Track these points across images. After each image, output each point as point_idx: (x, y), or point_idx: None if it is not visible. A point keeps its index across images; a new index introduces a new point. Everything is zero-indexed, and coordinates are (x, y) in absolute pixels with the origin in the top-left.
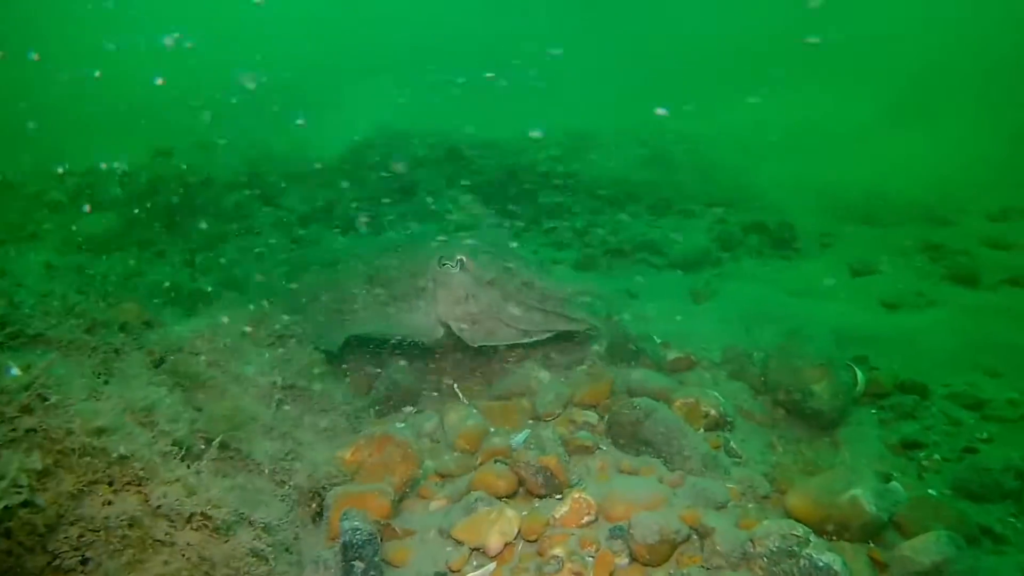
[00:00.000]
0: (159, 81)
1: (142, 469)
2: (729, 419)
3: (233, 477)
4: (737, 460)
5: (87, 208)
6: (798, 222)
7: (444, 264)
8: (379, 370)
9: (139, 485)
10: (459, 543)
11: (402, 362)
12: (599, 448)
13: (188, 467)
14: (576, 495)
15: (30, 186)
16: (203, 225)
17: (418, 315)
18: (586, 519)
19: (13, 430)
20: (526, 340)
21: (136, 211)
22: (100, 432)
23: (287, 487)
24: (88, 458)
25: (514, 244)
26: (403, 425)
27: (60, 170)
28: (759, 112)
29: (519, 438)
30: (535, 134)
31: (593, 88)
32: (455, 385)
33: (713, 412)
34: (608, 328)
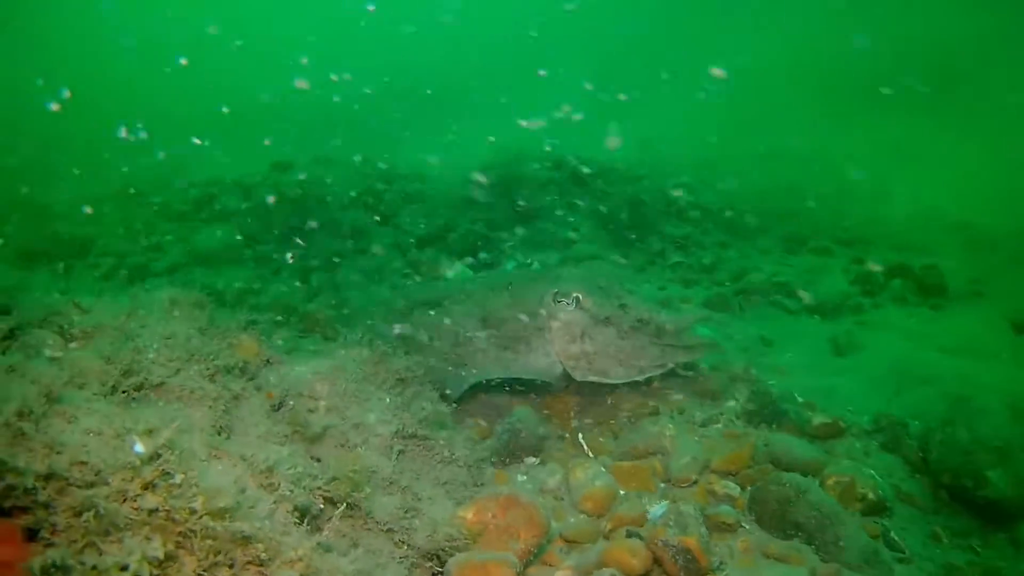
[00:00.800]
0: (300, 84)
1: (265, 550)
2: (888, 504)
3: (353, 542)
4: (901, 555)
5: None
6: (941, 263)
7: (559, 302)
8: (499, 416)
9: (260, 566)
10: None
11: (525, 409)
12: (741, 526)
13: (311, 542)
14: None
15: (156, 196)
16: (320, 243)
17: (536, 355)
18: None
19: (136, 510)
20: (640, 377)
21: (254, 226)
22: (223, 512)
23: (405, 547)
24: (210, 540)
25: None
26: (524, 478)
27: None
28: (891, 134)
29: (657, 511)
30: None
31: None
32: (581, 437)
33: (871, 495)
34: (745, 383)
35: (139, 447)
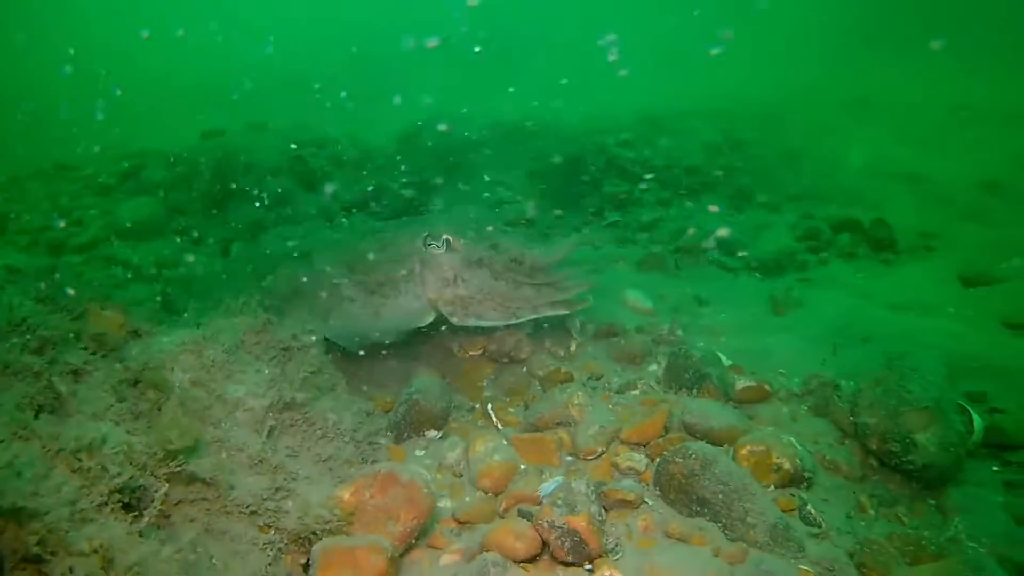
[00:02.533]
0: None
1: (38, 543)
2: (808, 474)
3: (205, 527)
4: (816, 530)
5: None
6: (894, 218)
7: (430, 245)
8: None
9: (38, 564)
10: None
11: (428, 378)
12: (644, 502)
13: (119, 529)
14: (607, 573)
15: (86, 168)
16: (243, 212)
17: (407, 299)
18: None
19: None
20: (514, 321)
21: (178, 196)
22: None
23: (272, 532)
24: None
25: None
26: (423, 453)
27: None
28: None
29: (547, 487)
30: None
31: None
32: (490, 407)
33: (787, 465)
34: (670, 345)
35: None
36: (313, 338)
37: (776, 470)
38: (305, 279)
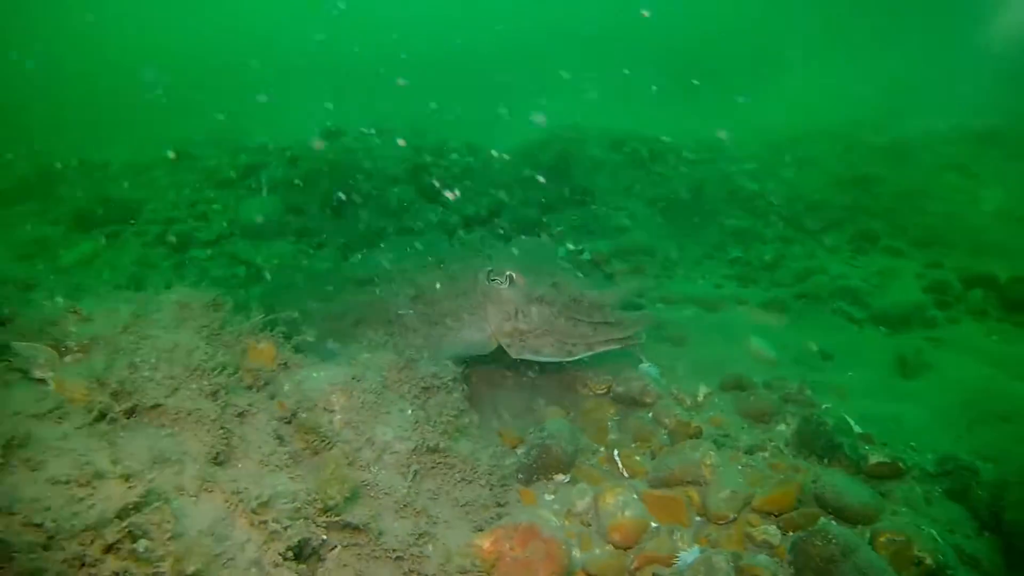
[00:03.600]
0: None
1: None
2: (949, 570)
3: (357, 574)
4: None
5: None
6: None
7: (493, 280)
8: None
9: None
10: None
11: (558, 421)
12: None
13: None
14: None
15: (209, 159)
16: (364, 219)
17: (471, 331)
18: None
19: None
20: (569, 359)
21: (298, 197)
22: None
23: None
24: None
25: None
26: (552, 498)
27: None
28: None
29: (687, 558)
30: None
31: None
32: (616, 454)
33: (929, 560)
34: (798, 405)
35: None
36: (453, 377)
37: (916, 563)
38: (369, 307)
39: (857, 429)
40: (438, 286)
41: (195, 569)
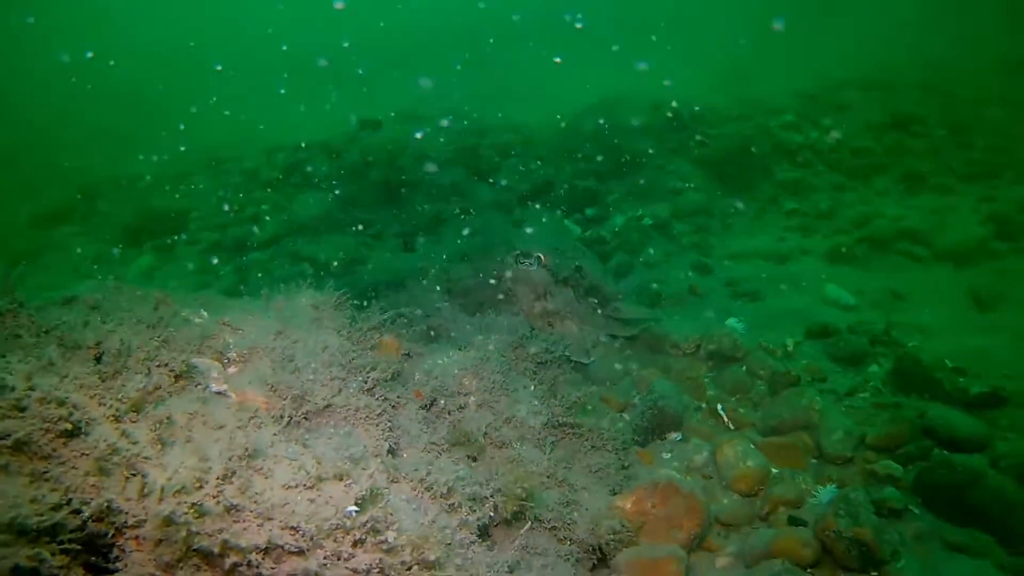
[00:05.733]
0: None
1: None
2: None
3: (521, 545)
4: None
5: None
6: None
7: (522, 262)
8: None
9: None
10: None
11: (664, 382)
12: (910, 510)
13: (503, 568)
14: None
15: (247, 161)
16: (417, 204)
17: (506, 316)
18: None
19: (352, 572)
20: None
21: (349, 189)
22: (433, 564)
23: (568, 543)
24: None
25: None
26: (669, 455)
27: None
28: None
29: (824, 496)
30: None
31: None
32: (720, 408)
33: None
34: (887, 346)
35: (350, 508)
36: (560, 351)
37: None
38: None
39: (949, 364)
40: (467, 281)
41: (436, 556)
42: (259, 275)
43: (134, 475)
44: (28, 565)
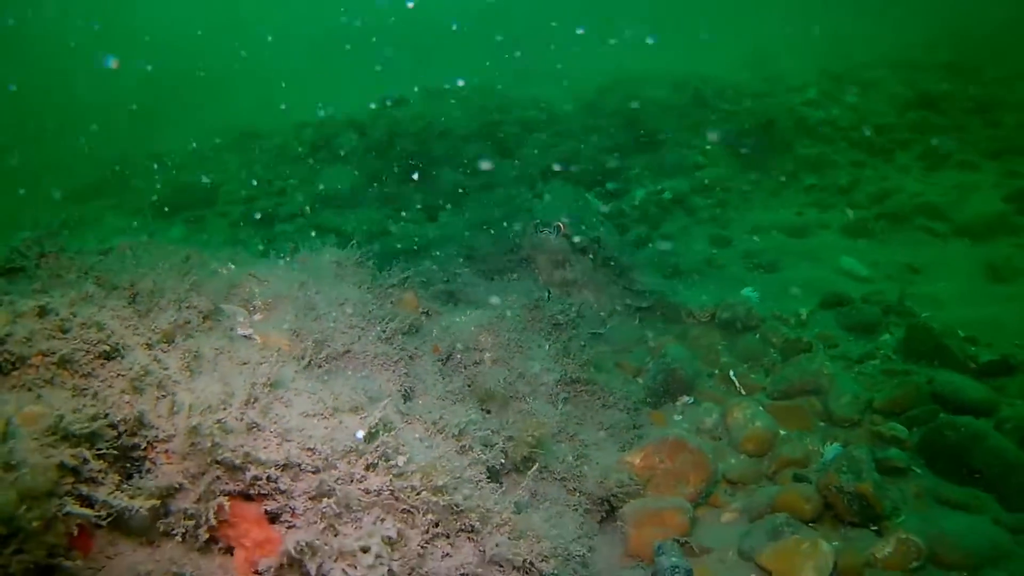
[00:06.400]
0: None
1: (477, 519)
2: None
3: (532, 493)
4: None
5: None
6: None
7: (542, 231)
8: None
9: (472, 532)
10: (766, 572)
11: (677, 346)
12: (912, 470)
13: (508, 504)
14: (902, 535)
15: (275, 138)
16: (443, 178)
17: (526, 282)
18: (914, 564)
19: (364, 492)
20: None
21: (374, 164)
22: (441, 490)
23: (577, 495)
24: (431, 515)
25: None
26: (680, 417)
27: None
28: None
29: (829, 454)
30: None
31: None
32: (732, 374)
33: None
34: (899, 315)
35: (360, 433)
36: (578, 313)
37: None
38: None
39: (961, 333)
40: (486, 247)
41: (444, 482)
42: (287, 245)
43: (164, 395)
44: (72, 463)
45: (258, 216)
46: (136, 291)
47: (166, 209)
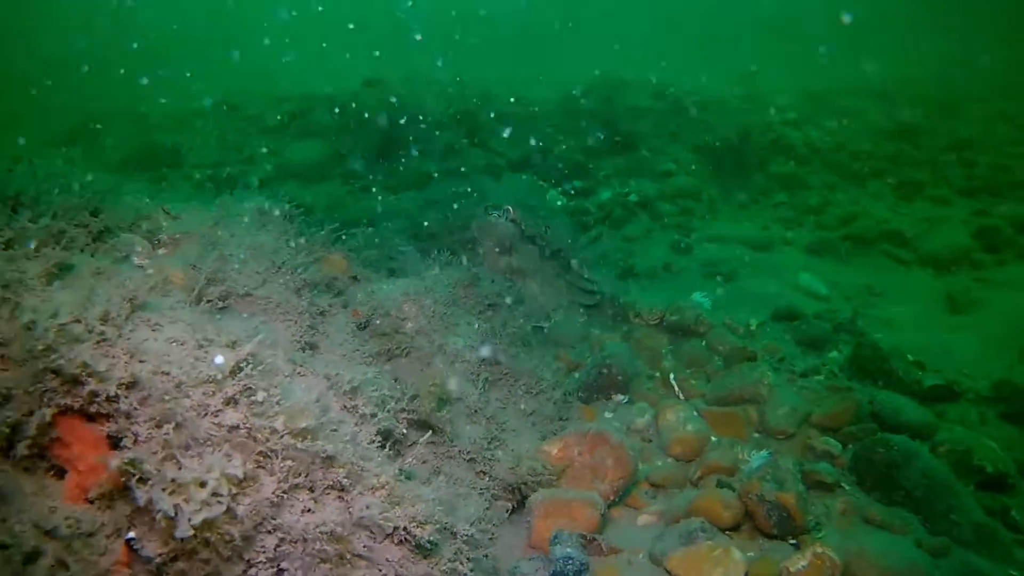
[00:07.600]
0: None
1: (346, 475)
2: (1011, 480)
3: (435, 470)
4: (1021, 537)
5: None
6: None
7: (491, 214)
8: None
9: (341, 491)
10: None
11: (618, 344)
12: (840, 486)
13: (393, 468)
14: (818, 550)
15: (248, 108)
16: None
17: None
18: None
19: (217, 426)
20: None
21: (345, 142)
22: (305, 433)
23: (487, 478)
24: (290, 461)
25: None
26: (611, 415)
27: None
28: None
29: (755, 462)
30: None
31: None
32: (672, 377)
33: (990, 468)
34: (850, 334)
35: (219, 359)
36: (510, 299)
37: (977, 471)
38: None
39: (909, 357)
40: (432, 226)
41: (307, 425)
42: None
43: (8, 298)
44: None
45: (224, 178)
46: (19, 201)
47: (132, 166)
